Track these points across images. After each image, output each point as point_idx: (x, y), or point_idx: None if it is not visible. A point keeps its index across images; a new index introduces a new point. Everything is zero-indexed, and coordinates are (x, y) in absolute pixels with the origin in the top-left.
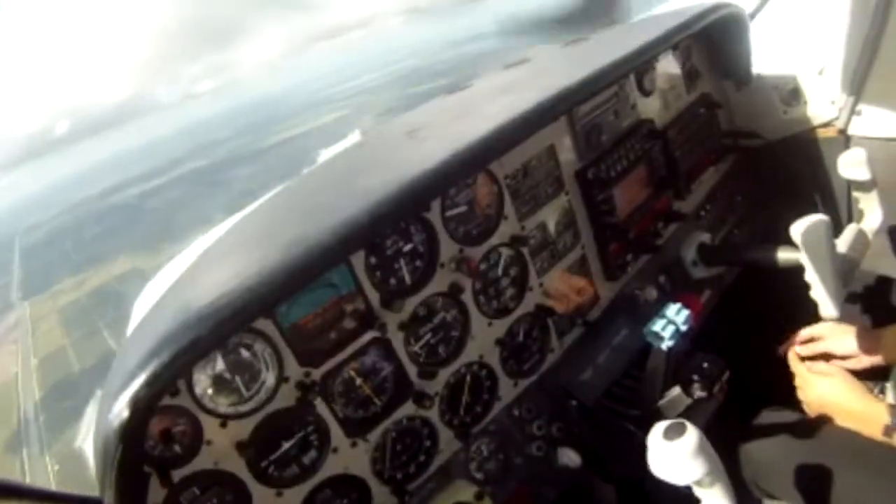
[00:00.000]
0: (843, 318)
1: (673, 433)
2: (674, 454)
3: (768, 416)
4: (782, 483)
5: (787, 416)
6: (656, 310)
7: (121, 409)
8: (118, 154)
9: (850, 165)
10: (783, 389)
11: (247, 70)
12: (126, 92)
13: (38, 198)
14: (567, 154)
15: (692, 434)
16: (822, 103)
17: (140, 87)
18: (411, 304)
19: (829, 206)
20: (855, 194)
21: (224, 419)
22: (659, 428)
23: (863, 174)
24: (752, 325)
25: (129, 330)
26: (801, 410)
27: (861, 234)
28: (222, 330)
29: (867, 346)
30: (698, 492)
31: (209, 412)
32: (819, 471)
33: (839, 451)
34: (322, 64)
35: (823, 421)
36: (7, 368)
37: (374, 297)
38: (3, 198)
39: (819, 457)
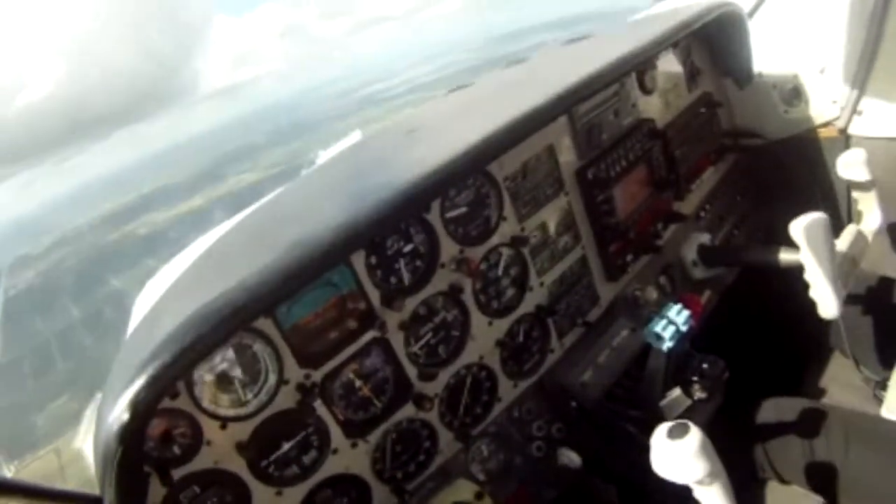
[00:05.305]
0: (844, 319)
1: (677, 433)
2: (677, 454)
3: (770, 408)
4: (792, 467)
5: (789, 404)
6: (656, 310)
7: (120, 412)
8: (121, 164)
9: (850, 166)
10: (783, 390)
11: (272, 66)
12: (135, 81)
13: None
14: (567, 154)
15: (695, 434)
16: (824, 102)
17: (152, 75)
18: (412, 303)
19: (830, 206)
20: (854, 194)
21: (224, 421)
22: (663, 428)
23: (862, 175)
24: (752, 325)
25: (129, 331)
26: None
27: (860, 235)
28: (222, 330)
29: None
30: (698, 491)
31: (209, 414)
32: (826, 453)
33: (844, 434)
34: (351, 59)
35: (826, 408)
36: None
37: (374, 295)
38: None
39: (826, 441)
